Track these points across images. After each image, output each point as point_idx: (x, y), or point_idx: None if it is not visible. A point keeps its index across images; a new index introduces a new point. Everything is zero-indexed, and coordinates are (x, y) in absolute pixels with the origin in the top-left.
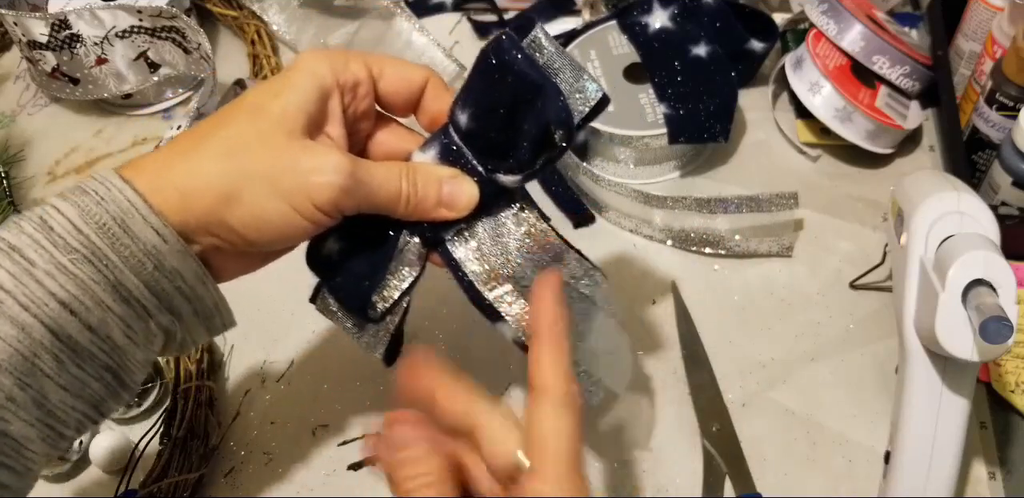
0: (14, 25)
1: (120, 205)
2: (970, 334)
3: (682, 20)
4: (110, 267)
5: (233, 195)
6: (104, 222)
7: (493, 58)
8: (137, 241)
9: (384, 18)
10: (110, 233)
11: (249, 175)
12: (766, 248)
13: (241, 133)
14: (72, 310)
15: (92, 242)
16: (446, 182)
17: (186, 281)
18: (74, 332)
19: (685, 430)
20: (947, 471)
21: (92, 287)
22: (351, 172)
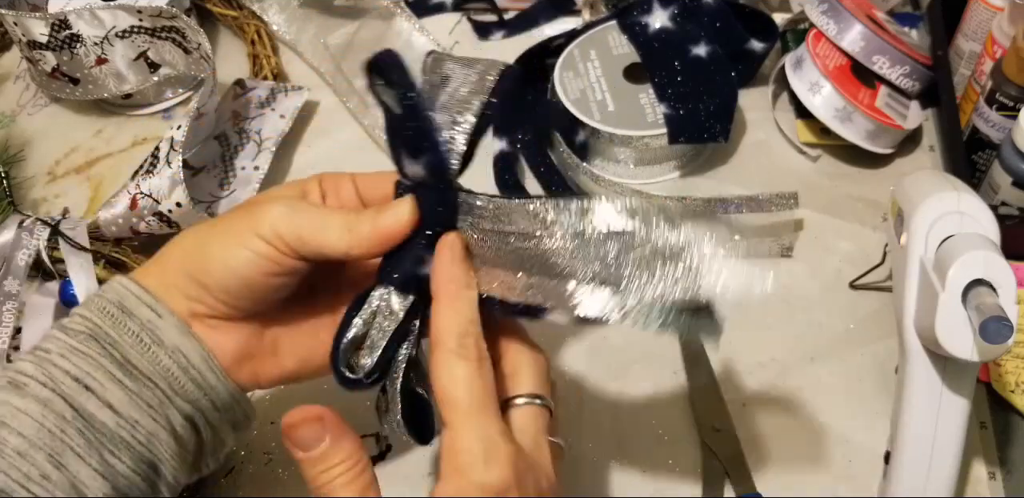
0: (14, 25)
1: (117, 291)
2: (970, 334)
3: (682, 20)
4: (113, 344)
5: (195, 257)
6: (103, 306)
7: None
8: (133, 318)
9: (384, 18)
10: (109, 314)
11: (205, 236)
12: (766, 248)
13: (217, 218)
14: (87, 386)
15: (95, 323)
16: (380, 210)
17: (191, 362)
18: (94, 409)
19: (685, 430)
20: (947, 471)
21: (101, 362)
22: (289, 209)
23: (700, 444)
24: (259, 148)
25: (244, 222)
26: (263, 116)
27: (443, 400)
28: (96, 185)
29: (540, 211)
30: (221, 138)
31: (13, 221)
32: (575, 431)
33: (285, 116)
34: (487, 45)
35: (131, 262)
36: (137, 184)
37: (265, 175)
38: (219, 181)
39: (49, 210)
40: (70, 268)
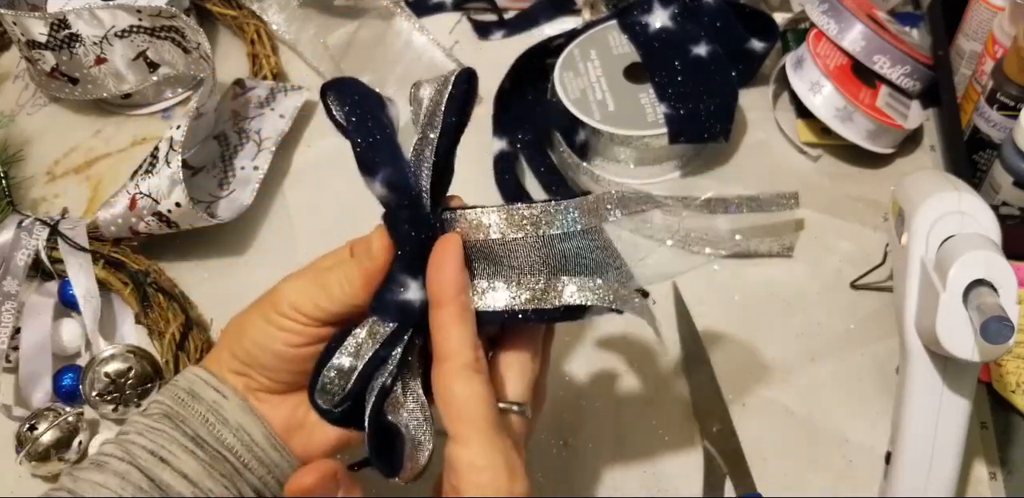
0: (13, 25)
1: (188, 379)
2: (971, 334)
3: (682, 20)
4: (185, 421)
5: (237, 331)
6: (176, 393)
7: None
8: (201, 400)
9: (384, 18)
10: (179, 399)
11: (248, 313)
12: (766, 248)
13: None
14: (162, 457)
15: (168, 405)
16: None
17: (254, 439)
18: (170, 479)
19: (685, 430)
20: (947, 471)
21: (174, 435)
22: (305, 284)
23: (700, 444)
24: (259, 148)
25: (267, 302)
26: (263, 116)
27: (459, 416)
28: (95, 185)
29: (517, 214)
30: (220, 138)
31: (12, 221)
32: (575, 431)
33: (285, 116)
34: (487, 45)
35: (130, 262)
36: (136, 184)
37: (265, 175)
38: (218, 181)
39: (48, 210)
40: (69, 268)
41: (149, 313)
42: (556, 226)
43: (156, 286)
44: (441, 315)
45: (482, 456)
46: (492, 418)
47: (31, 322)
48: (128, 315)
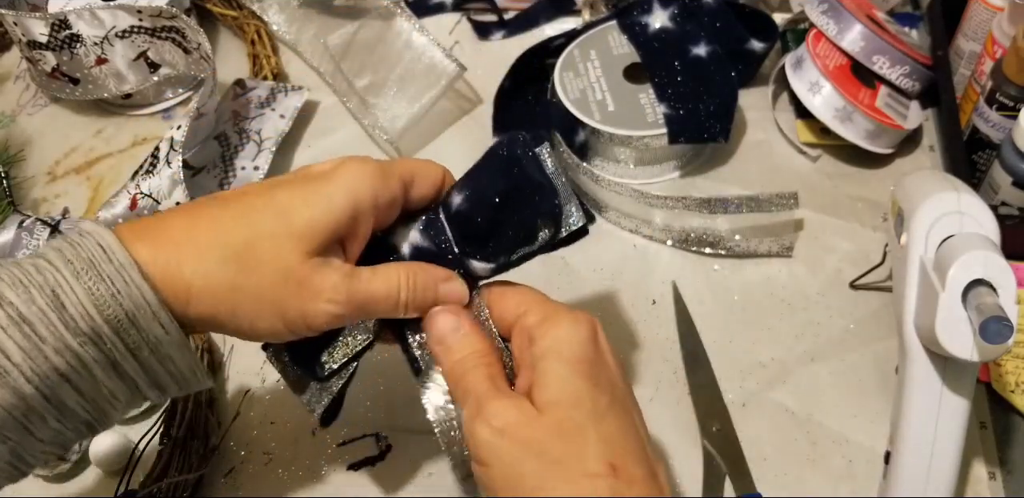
0: (14, 25)
1: (135, 301)
2: (970, 334)
3: (682, 20)
4: (113, 351)
5: (232, 307)
6: (116, 314)
7: (504, 151)
8: (142, 331)
9: (384, 18)
10: (118, 322)
11: (250, 292)
12: (766, 248)
13: (259, 237)
14: (69, 379)
15: (101, 328)
16: (442, 284)
17: (179, 368)
18: (65, 397)
19: (685, 430)
20: (947, 471)
21: (92, 366)
22: (348, 299)
23: (700, 444)
24: (259, 148)
25: (297, 307)
26: (263, 116)
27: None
28: (96, 185)
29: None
30: (221, 138)
31: (13, 221)
32: None
33: (285, 116)
34: (487, 45)
35: None
36: (137, 184)
37: (265, 175)
38: (219, 181)
39: (49, 210)
40: None
41: None
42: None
43: None
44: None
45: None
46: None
47: None
48: None
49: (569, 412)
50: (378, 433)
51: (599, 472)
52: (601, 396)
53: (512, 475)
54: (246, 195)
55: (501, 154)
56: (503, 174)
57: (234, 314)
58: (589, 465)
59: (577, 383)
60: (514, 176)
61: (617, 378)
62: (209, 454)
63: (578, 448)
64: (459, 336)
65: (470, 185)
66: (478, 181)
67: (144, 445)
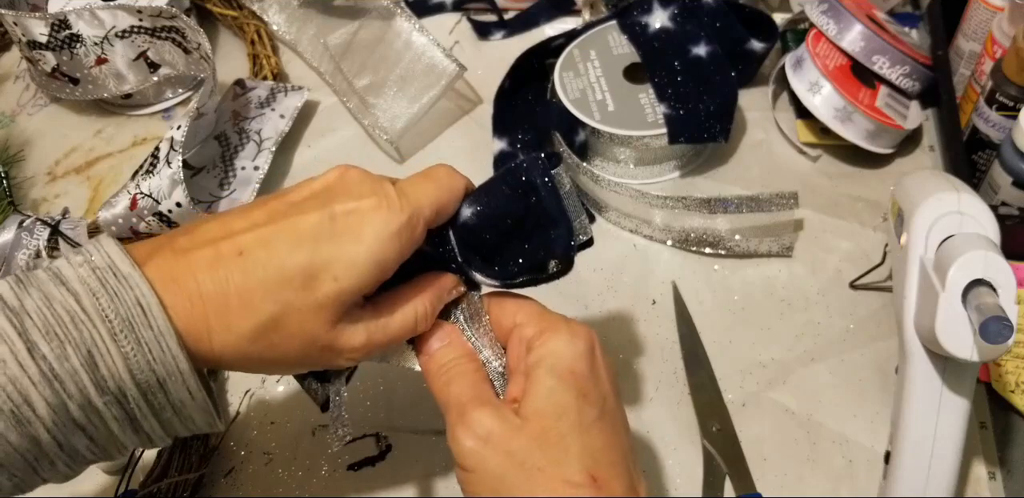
0: (14, 25)
1: (168, 368)
2: (970, 334)
3: (682, 20)
4: (135, 410)
5: (258, 369)
6: (147, 379)
7: (524, 175)
8: (169, 395)
9: (384, 18)
10: (147, 386)
11: (277, 360)
12: (766, 248)
13: (286, 312)
14: (85, 430)
15: (129, 390)
16: (448, 296)
17: (197, 424)
18: (77, 443)
19: (685, 430)
20: (947, 471)
21: (111, 422)
22: (368, 347)
23: (700, 444)
24: (259, 148)
25: (315, 357)
26: (263, 116)
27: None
28: (96, 185)
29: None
30: (221, 138)
31: (13, 221)
32: None
33: (285, 116)
34: (487, 45)
35: None
36: (137, 184)
37: (265, 175)
38: (219, 181)
39: (49, 210)
40: None
41: None
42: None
43: None
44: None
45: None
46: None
47: None
48: None
49: (554, 423)
50: (378, 433)
51: (580, 482)
52: (589, 409)
53: (495, 482)
54: (272, 249)
55: (520, 179)
56: (519, 200)
57: (258, 367)
58: (570, 474)
59: (565, 395)
60: (531, 206)
61: (609, 393)
62: (209, 454)
63: (560, 458)
64: (442, 345)
65: (483, 201)
66: (493, 200)
67: None
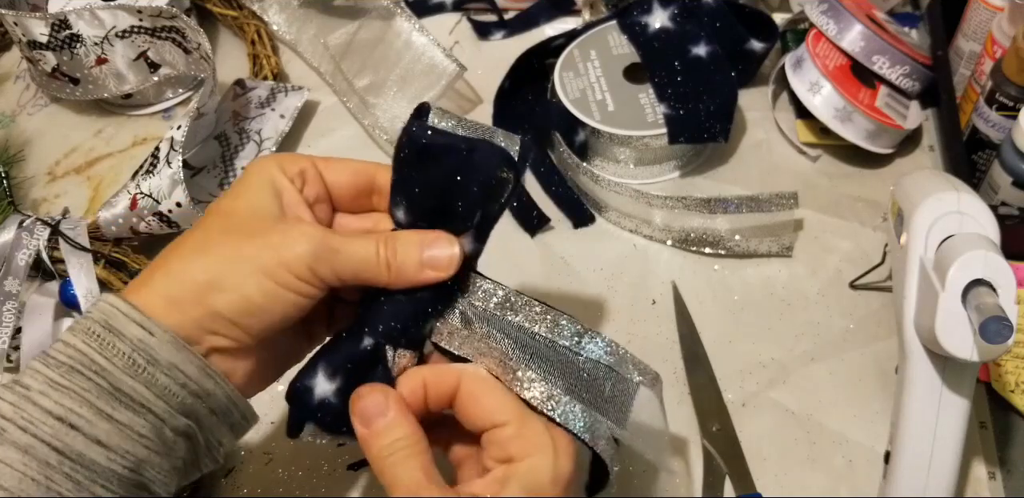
0: (14, 25)
1: (104, 310)
2: (970, 334)
3: (682, 20)
4: (100, 372)
5: (215, 283)
6: (88, 327)
7: (407, 149)
8: (123, 338)
9: (384, 18)
10: (95, 336)
11: (227, 261)
12: (766, 248)
13: (213, 232)
14: (72, 424)
15: (79, 351)
16: (427, 245)
17: (189, 376)
18: (82, 448)
19: (685, 430)
20: (947, 471)
21: (87, 397)
22: (322, 240)
23: (700, 444)
24: (259, 148)
25: (268, 255)
26: (263, 116)
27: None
28: (96, 185)
29: (542, 317)
30: (221, 138)
31: (13, 221)
32: None
33: (285, 116)
34: (487, 45)
35: (131, 262)
36: (137, 184)
37: None
38: (219, 181)
39: (49, 210)
40: (70, 268)
41: None
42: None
43: None
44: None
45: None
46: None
47: (32, 322)
48: None
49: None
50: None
51: None
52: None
53: None
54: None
55: (409, 152)
56: (426, 168)
57: (219, 291)
58: None
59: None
60: (439, 164)
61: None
62: None
63: None
64: (386, 421)
65: (402, 195)
66: (406, 189)
67: None
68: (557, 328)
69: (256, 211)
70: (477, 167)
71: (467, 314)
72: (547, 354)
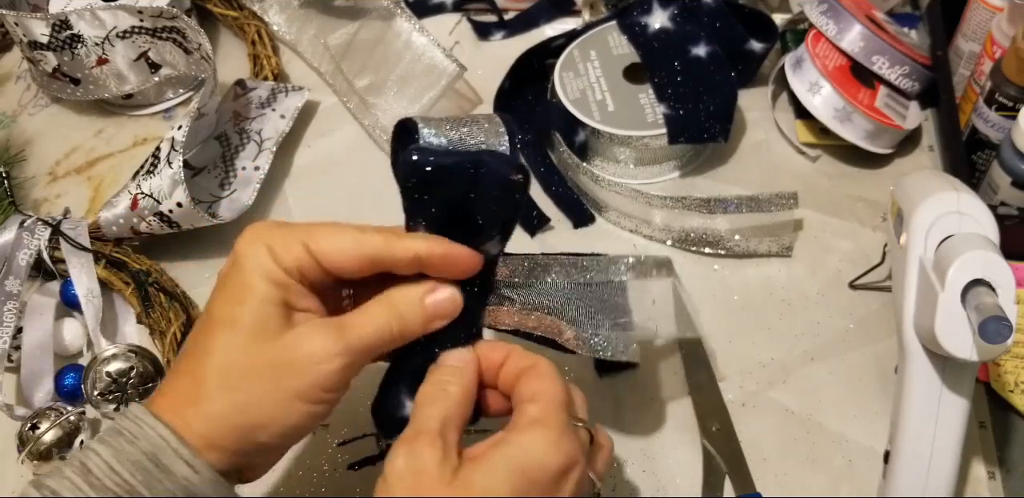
0: (15, 25)
1: (152, 441)
2: (969, 334)
3: (682, 20)
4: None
5: (255, 423)
6: (137, 459)
7: (413, 179)
8: (170, 475)
9: (384, 18)
10: (143, 469)
11: (262, 396)
12: (766, 248)
13: (229, 358)
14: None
15: (126, 480)
16: (426, 298)
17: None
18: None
19: (685, 430)
20: (946, 471)
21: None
22: (345, 348)
23: (700, 444)
24: (259, 148)
25: (299, 382)
26: (264, 116)
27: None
28: (97, 185)
29: (570, 267)
30: (222, 138)
31: (14, 221)
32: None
33: (285, 116)
34: (487, 45)
35: (132, 262)
36: (138, 184)
37: (266, 175)
38: (220, 181)
39: (50, 210)
40: (71, 268)
41: (151, 313)
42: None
43: (158, 286)
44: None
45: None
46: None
47: (33, 322)
48: (130, 315)
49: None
50: (378, 433)
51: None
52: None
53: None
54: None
55: (416, 182)
56: (438, 195)
57: (261, 428)
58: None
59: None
60: (448, 188)
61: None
62: None
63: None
64: (451, 369)
65: (420, 221)
66: (425, 215)
67: None
68: (586, 270)
69: (265, 320)
70: (488, 182)
71: (502, 293)
72: (588, 295)
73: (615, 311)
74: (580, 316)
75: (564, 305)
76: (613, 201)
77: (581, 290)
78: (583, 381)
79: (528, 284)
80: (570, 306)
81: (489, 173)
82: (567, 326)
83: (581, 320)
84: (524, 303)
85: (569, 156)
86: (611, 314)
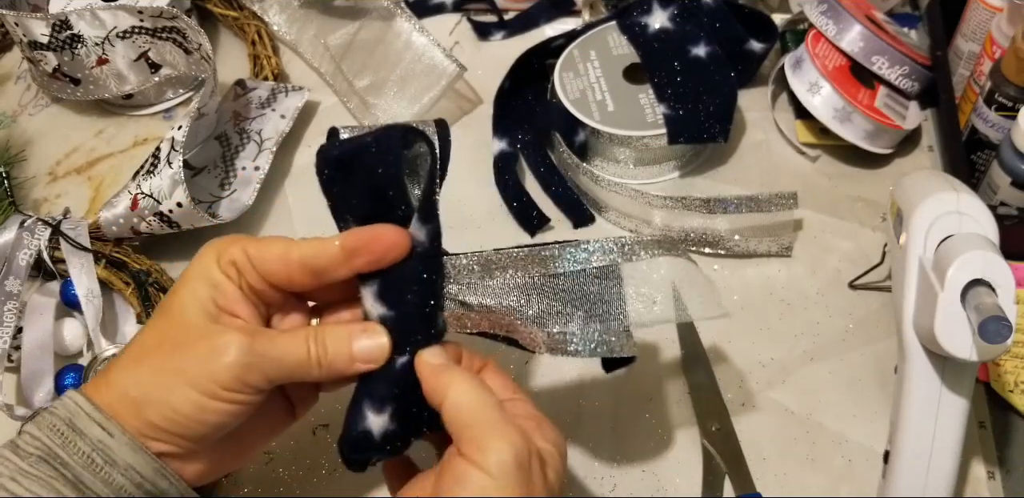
0: (15, 26)
1: (69, 408)
2: (969, 334)
3: (682, 20)
4: (64, 465)
5: (143, 399)
6: (53, 424)
7: (326, 168)
8: (83, 436)
9: (384, 18)
10: (59, 433)
11: (156, 374)
12: (766, 248)
13: (149, 336)
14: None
15: (44, 444)
16: (356, 337)
17: (144, 476)
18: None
19: (685, 430)
20: (946, 471)
21: (53, 484)
22: (249, 348)
23: (700, 444)
24: (259, 148)
25: (195, 368)
26: (264, 116)
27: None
28: (97, 185)
29: (528, 260)
30: (222, 138)
31: (14, 221)
32: (574, 431)
33: (285, 116)
34: (487, 45)
35: (132, 262)
36: (138, 184)
37: (266, 175)
38: (220, 181)
39: (50, 210)
40: (71, 268)
41: (150, 313)
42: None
43: (158, 286)
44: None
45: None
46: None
47: (33, 322)
48: (130, 315)
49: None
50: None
51: None
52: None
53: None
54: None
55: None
56: (346, 178)
57: (148, 405)
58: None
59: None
60: (353, 168)
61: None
62: None
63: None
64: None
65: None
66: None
67: None
68: (545, 262)
69: (186, 312)
70: (387, 149)
71: (458, 297)
72: (551, 289)
73: (591, 302)
74: (543, 313)
75: (524, 303)
76: (613, 201)
77: (547, 283)
78: (585, 379)
79: (483, 284)
80: (531, 303)
81: (387, 141)
82: (528, 325)
83: (544, 318)
84: (480, 305)
85: (569, 156)
86: (584, 306)
